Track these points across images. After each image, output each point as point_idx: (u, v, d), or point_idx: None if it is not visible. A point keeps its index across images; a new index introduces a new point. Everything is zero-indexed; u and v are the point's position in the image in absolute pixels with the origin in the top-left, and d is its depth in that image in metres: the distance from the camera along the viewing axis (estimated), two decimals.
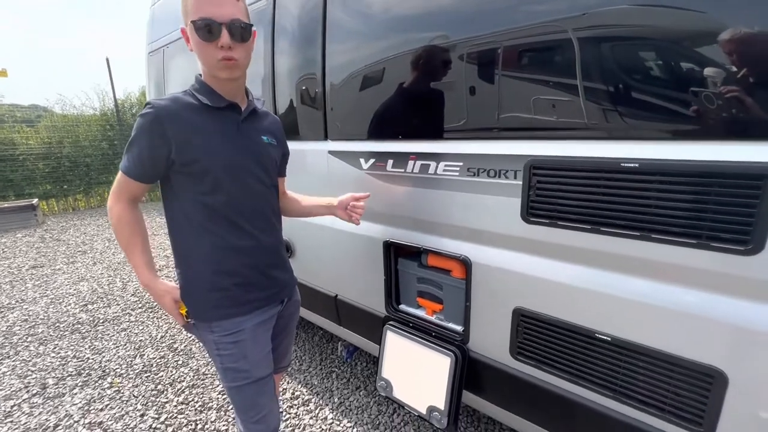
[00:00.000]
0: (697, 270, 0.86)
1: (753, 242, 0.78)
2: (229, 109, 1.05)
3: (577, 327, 1.06)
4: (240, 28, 0.96)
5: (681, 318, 0.89)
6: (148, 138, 0.96)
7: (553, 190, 1.03)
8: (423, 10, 1.28)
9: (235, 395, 1.12)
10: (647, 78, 0.88)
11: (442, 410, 1.35)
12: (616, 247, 0.96)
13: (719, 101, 0.80)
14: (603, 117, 0.95)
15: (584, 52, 0.94)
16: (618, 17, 0.90)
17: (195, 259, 1.06)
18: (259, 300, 1.12)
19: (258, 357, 1.11)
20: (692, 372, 0.90)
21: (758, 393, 0.83)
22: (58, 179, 7.12)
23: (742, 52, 0.77)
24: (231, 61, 0.97)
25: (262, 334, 1.14)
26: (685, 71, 0.84)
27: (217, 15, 0.93)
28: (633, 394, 1.00)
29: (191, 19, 0.94)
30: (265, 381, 1.13)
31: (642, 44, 0.89)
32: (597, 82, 0.94)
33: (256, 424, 1.12)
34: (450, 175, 1.25)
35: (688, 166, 0.83)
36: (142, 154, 0.97)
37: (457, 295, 1.37)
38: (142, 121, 0.96)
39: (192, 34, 0.96)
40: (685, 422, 0.93)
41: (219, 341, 1.07)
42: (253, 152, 1.09)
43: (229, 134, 1.04)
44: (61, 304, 3.30)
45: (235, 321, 1.07)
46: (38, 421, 1.93)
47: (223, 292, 1.06)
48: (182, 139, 0.97)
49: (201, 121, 1.00)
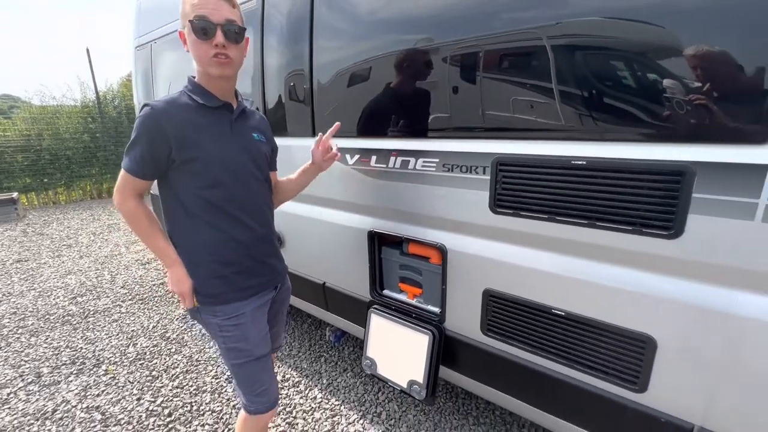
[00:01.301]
0: (632, 252, 1.01)
1: (675, 228, 0.93)
2: (222, 109, 1.12)
3: (537, 304, 1.21)
4: (234, 31, 1.04)
5: (619, 293, 1.05)
6: (148, 138, 1.03)
7: (515, 184, 1.17)
8: (404, 17, 1.39)
9: (239, 372, 1.22)
10: (594, 88, 1.02)
11: (421, 383, 1.50)
12: (568, 233, 1.11)
13: (650, 110, 0.94)
14: (558, 120, 1.08)
15: (542, 63, 1.08)
16: (567, 34, 1.03)
17: (196, 250, 1.14)
18: (257, 286, 1.22)
19: (257, 337, 1.22)
20: (629, 339, 1.06)
21: (681, 354, 0.99)
22: (38, 172, 6.98)
23: (672, 69, 0.91)
24: (225, 59, 1.04)
25: (260, 317, 1.24)
26: (625, 83, 0.98)
27: (213, 16, 1.01)
28: (583, 360, 1.16)
29: (189, 18, 1.01)
30: (265, 359, 1.24)
31: (590, 58, 1.02)
32: (553, 90, 1.07)
33: (258, 396, 1.23)
34: (428, 170, 1.38)
35: (624, 164, 0.98)
36: (143, 154, 1.04)
37: (434, 280, 1.51)
38: (142, 121, 1.03)
39: (189, 33, 1.03)
40: (624, 382, 1.09)
41: (222, 324, 1.17)
42: (247, 149, 1.17)
43: (224, 132, 1.12)
44: (49, 296, 3.32)
45: (235, 306, 1.17)
46: (36, 407, 2.00)
47: (224, 279, 1.15)
48: (181, 137, 1.04)
49: (197, 120, 1.07)
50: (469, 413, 1.88)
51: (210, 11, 1.01)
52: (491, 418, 1.85)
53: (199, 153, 1.06)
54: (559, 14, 1.03)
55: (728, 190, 0.86)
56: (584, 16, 1.00)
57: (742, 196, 0.84)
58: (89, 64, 7.35)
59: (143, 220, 1.10)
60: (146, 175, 1.08)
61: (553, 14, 1.04)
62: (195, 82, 1.11)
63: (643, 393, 1.07)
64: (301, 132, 1.80)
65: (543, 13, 1.06)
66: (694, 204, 0.90)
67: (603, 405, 1.14)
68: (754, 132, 0.83)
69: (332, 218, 1.79)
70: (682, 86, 0.89)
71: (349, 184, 1.66)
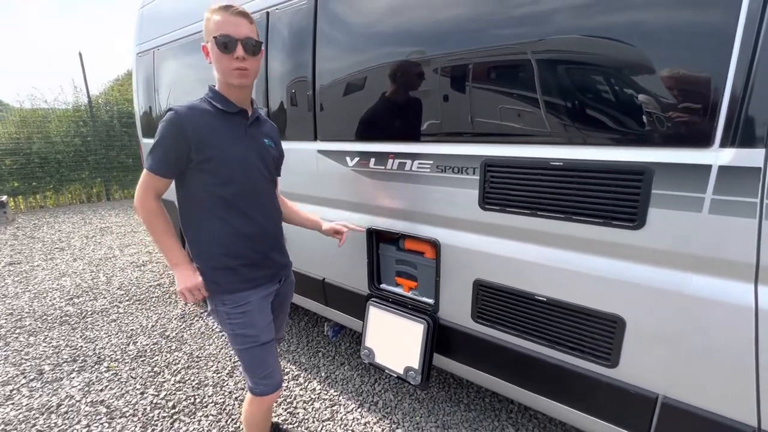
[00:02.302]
0: (602, 242, 1.15)
1: (638, 220, 1.08)
2: (239, 115, 1.24)
3: (522, 291, 1.35)
4: (252, 44, 1.17)
5: (592, 278, 1.19)
6: (171, 139, 1.13)
7: (502, 183, 1.31)
8: (399, 31, 1.53)
9: (245, 356, 1.32)
10: (569, 98, 1.17)
11: (417, 369, 1.61)
12: (548, 227, 1.25)
13: (616, 118, 1.09)
14: (539, 126, 1.23)
15: (524, 76, 1.22)
16: (547, 50, 1.18)
17: (207, 243, 1.25)
18: (262, 278, 1.32)
19: (263, 324, 1.32)
20: (601, 319, 1.20)
21: (646, 331, 1.13)
22: (27, 176, 6.93)
23: (634, 84, 1.06)
24: (244, 70, 1.16)
25: (265, 306, 1.35)
26: (595, 95, 1.13)
27: (234, 33, 1.13)
28: (562, 341, 1.29)
29: (213, 35, 1.13)
30: (270, 344, 1.34)
31: (567, 73, 1.17)
32: (534, 99, 1.22)
33: (264, 379, 1.33)
34: (423, 171, 1.51)
35: (595, 164, 1.12)
36: (167, 154, 1.14)
37: (429, 273, 1.63)
38: (166, 124, 1.13)
39: (213, 48, 1.15)
40: (598, 359, 1.23)
41: (230, 312, 1.27)
42: (258, 152, 1.28)
43: (239, 135, 1.24)
44: (45, 298, 3.34)
45: (242, 295, 1.28)
46: (40, 402, 2.05)
47: (232, 270, 1.26)
48: (200, 139, 1.14)
49: (216, 124, 1.18)
50: (460, 401, 2.00)
51: (232, 29, 1.13)
52: (481, 404, 1.97)
53: (214, 153, 1.17)
54: (539, 32, 1.18)
55: (681, 186, 1.01)
56: (561, 34, 1.15)
57: (692, 192, 0.99)
58: (82, 68, 7.35)
59: (159, 220, 1.19)
60: (168, 173, 1.17)
61: (534, 32, 1.19)
62: (216, 90, 1.23)
63: (615, 368, 1.20)
64: (304, 136, 1.92)
65: (525, 30, 1.21)
66: (654, 199, 1.05)
67: (580, 381, 1.28)
68: (701, 138, 0.98)
69: (332, 217, 1.90)
70: (644, 98, 1.04)
71: (350, 185, 1.77)
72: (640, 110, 1.05)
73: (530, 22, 1.20)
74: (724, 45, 0.91)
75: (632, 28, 1.04)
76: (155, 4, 2.92)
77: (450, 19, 1.37)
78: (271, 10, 1.97)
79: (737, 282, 0.98)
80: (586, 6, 1.10)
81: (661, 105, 1.02)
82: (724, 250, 0.99)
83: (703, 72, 0.96)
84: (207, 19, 1.17)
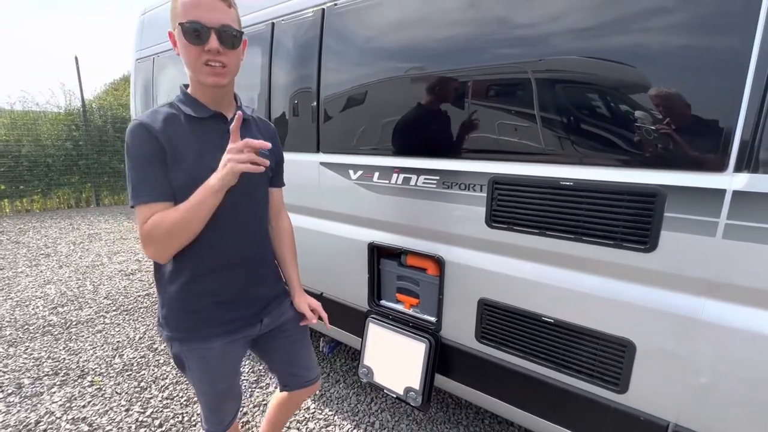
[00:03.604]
0: (613, 264, 1.14)
1: (650, 243, 1.06)
2: (213, 119, 1.00)
3: (528, 312, 1.32)
4: (230, 35, 0.94)
5: (601, 301, 1.17)
6: (143, 152, 0.91)
7: (510, 201, 1.29)
8: (406, 47, 1.52)
9: (200, 398, 1.17)
10: (581, 119, 1.16)
11: (417, 390, 1.56)
12: (557, 247, 1.23)
13: (629, 140, 1.09)
14: (549, 145, 1.22)
15: (536, 94, 1.22)
16: (560, 70, 1.18)
17: (162, 276, 1.04)
18: (238, 320, 1.10)
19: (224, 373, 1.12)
20: (611, 343, 1.17)
21: (658, 357, 1.11)
22: (15, 179, 6.76)
23: (648, 107, 1.06)
24: (220, 67, 0.95)
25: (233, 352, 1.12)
26: (608, 117, 1.12)
27: (206, 19, 0.90)
28: (570, 364, 1.26)
29: (179, 21, 0.91)
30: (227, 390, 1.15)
31: (581, 91, 1.17)
32: (545, 118, 1.21)
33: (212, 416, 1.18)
34: (428, 186, 1.49)
35: (607, 185, 1.11)
36: (147, 171, 0.92)
37: (431, 290, 1.60)
38: (132, 138, 0.92)
39: (180, 37, 0.93)
40: (606, 384, 1.20)
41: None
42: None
43: (212, 147, 0.97)
44: (27, 306, 3.21)
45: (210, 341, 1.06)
46: (17, 419, 1.94)
47: (191, 314, 1.04)
48: (169, 149, 0.93)
49: (182, 133, 0.95)
50: (459, 422, 1.94)
51: (203, 13, 0.90)
52: (480, 427, 1.92)
53: (180, 168, 0.94)
54: (549, 52, 1.18)
55: (694, 210, 1.00)
56: (571, 55, 1.15)
57: (706, 216, 0.98)
58: (77, 72, 7.28)
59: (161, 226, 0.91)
60: (160, 194, 0.93)
61: (544, 52, 1.19)
62: (186, 91, 1.02)
63: (624, 393, 1.17)
64: (307, 147, 1.89)
65: (534, 50, 1.21)
66: (666, 222, 1.04)
67: (588, 406, 1.24)
68: (714, 162, 0.97)
69: (333, 230, 1.86)
70: (657, 122, 1.04)
71: (352, 198, 1.74)
72: (653, 132, 1.05)
73: (545, 41, 1.20)
74: (739, 69, 0.91)
75: (646, 51, 1.04)
76: (157, 12, 2.91)
77: (461, 36, 1.36)
78: (276, 21, 1.96)
79: (752, 309, 0.97)
80: (601, 26, 1.10)
81: (675, 128, 1.02)
82: (738, 276, 0.97)
83: (718, 95, 0.96)
84: (173, 1, 0.94)
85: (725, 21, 0.94)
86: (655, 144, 1.05)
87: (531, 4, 1.21)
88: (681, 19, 0.99)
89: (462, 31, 1.36)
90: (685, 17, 0.98)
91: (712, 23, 0.95)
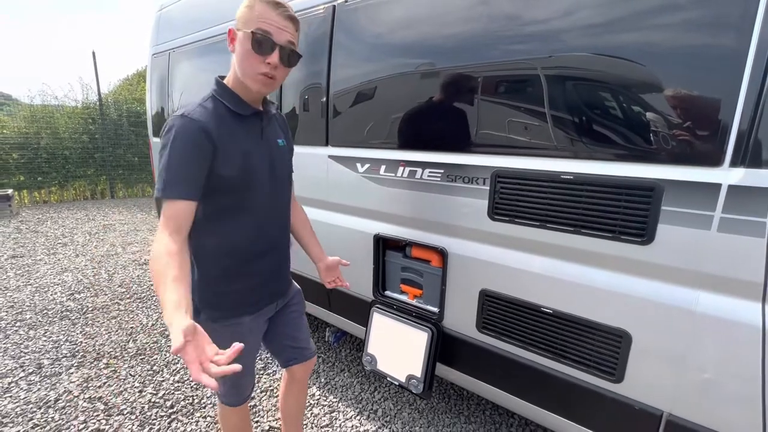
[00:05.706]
0: (611, 256, 1.16)
1: (647, 235, 1.09)
2: (253, 117, 1.08)
3: (528, 303, 1.35)
4: (290, 53, 1.01)
5: (599, 292, 1.20)
6: (193, 149, 0.94)
7: (512, 194, 1.33)
8: (414, 43, 1.56)
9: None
10: (582, 114, 1.19)
11: (419, 377, 1.61)
12: (557, 239, 1.26)
13: (627, 135, 1.11)
14: (550, 139, 1.25)
15: (538, 91, 1.25)
16: (561, 66, 1.21)
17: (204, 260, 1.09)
18: (267, 297, 1.21)
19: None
20: (608, 334, 1.20)
21: (653, 347, 1.13)
22: (33, 171, 6.98)
23: (646, 102, 1.08)
24: (271, 78, 1.01)
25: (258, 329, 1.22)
26: (608, 112, 1.15)
27: (276, 35, 0.97)
28: (568, 354, 1.29)
29: (252, 28, 0.96)
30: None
31: (579, 89, 1.20)
32: (547, 113, 1.24)
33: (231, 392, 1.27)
34: (433, 180, 1.53)
35: (606, 179, 1.14)
36: (188, 168, 0.93)
37: (434, 281, 1.64)
38: (181, 133, 0.93)
39: (245, 41, 0.96)
40: (603, 373, 1.23)
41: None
42: (275, 159, 1.14)
43: (255, 143, 1.08)
44: (46, 292, 3.34)
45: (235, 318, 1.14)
46: (38, 396, 2.04)
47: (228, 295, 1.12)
48: (220, 147, 0.98)
49: (229, 132, 1.01)
50: (461, 412, 1.98)
51: (275, 30, 0.97)
52: (482, 417, 1.96)
53: (234, 163, 1.01)
54: (552, 50, 1.21)
55: (691, 204, 1.02)
56: (572, 52, 1.17)
57: (702, 210, 1.01)
58: (94, 67, 7.46)
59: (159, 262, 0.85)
60: (192, 194, 0.94)
61: (546, 50, 1.22)
62: (225, 85, 1.05)
63: (620, 383, 1.20)
64: (316, 141, 1.94)
65: (541, 46, 1.24)
66: (663, 215, 1.06)
67: (584, 395, 1.27)
68: (710, 157, 0.99)
69: (340, 222, 1.92)
70: (655, 116, 1.06)
71: (359, 191, 1.79)
72: (651, 127, 1.07)
73: (545, 38, 1.23)
74: (736, 64, 0.93)
75: (645, 47, 1.06)
76: (173, 8, 2.98)
77: (466, 32, 1.40)
78: None
79: (745, 301, 0.99)
80: (600, 24, 1.13)
81: (673, 123, 1.04)
82: (732, 269, 0.99)
83: (715, 91, 0.98)
84: (249, 5, 0.98)
85: (723, 15, 0.96)
86: (654, 139, 1.07)
87: (531, 3, 1.24)
88: (679, 14, 1.01)
89: (467, 28, 1.39)
90: (682, 12, 1.01)
91: (709, 18, 0.97)
